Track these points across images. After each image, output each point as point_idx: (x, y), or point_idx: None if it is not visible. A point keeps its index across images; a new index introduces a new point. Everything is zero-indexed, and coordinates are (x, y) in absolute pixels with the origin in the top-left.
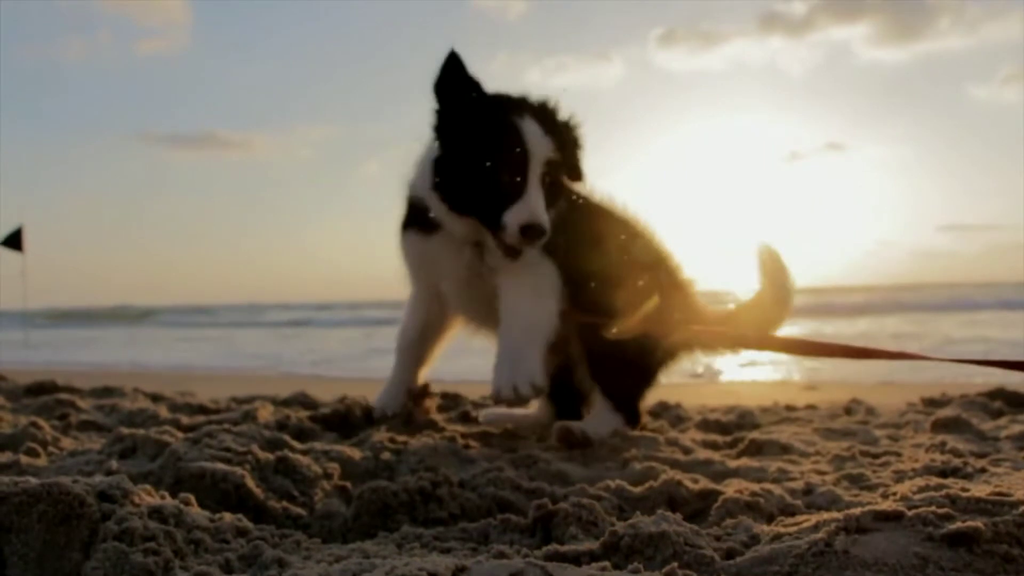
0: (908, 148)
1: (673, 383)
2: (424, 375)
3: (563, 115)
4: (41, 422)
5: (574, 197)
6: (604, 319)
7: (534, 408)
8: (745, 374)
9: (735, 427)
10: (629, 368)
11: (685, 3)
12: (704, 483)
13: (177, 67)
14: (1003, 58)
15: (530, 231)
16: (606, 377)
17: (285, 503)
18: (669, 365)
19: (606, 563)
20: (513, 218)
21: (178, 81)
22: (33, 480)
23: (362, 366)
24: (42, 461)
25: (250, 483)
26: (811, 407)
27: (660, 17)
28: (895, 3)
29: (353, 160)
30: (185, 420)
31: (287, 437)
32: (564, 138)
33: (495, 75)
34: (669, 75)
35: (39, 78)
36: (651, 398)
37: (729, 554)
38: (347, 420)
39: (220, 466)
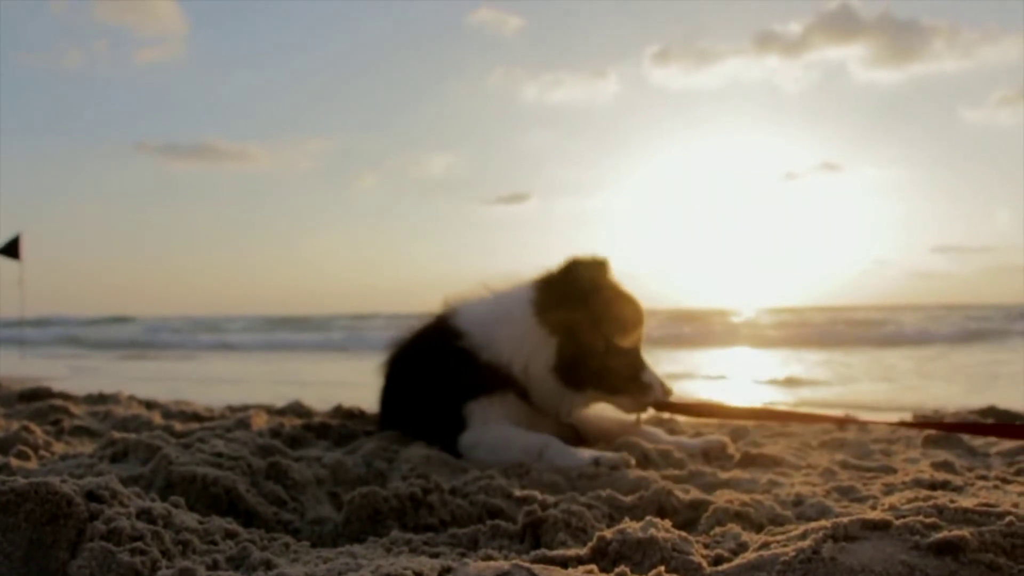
0: (903, 169)
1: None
2: None
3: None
4: (33, 426)
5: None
6: None
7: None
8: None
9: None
10: None
11: (680, 21)
12: (695, 493)
13: (174, 76)
14: (997, 81)
15: None
16: None
17: (276, 508)
18: None
19: (593, 567)
20: None
21: (175, 91)
22: (21, 480)
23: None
24: (32, 464)
25: (241, 488)
26: None
27: (655, 35)
28: (890, 24)
29: (350, 172)
30: (179, 427)
31: (280, 444)
32: None
33: (491, 90)
34: (664, 92)
35: (36, 86)
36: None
37: (717, 560)
38: (341, 429)
39: (211, 470)
